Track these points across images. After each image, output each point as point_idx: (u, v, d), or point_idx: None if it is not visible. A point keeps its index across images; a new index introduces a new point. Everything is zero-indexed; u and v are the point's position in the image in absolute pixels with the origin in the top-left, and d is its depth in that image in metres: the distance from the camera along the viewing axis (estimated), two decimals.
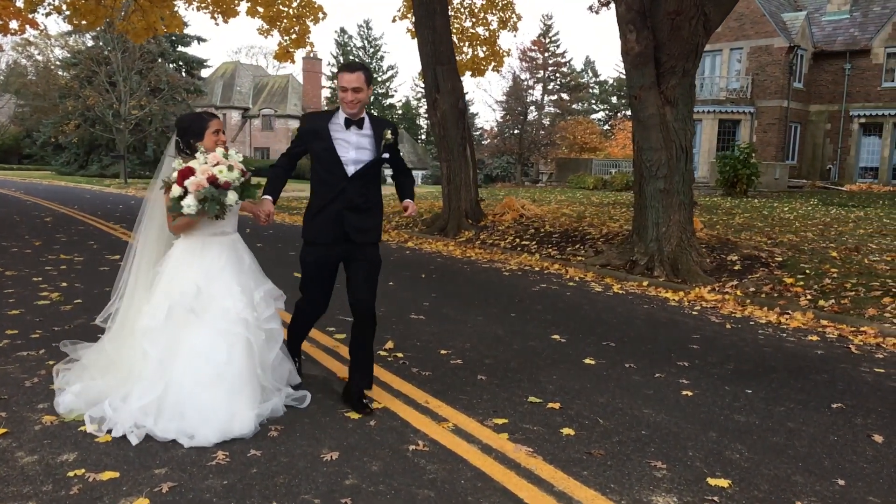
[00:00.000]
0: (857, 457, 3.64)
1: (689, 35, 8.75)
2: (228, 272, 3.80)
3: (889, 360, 5.62)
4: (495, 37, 18.12)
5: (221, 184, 3.60)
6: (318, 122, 4.08)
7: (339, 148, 3.97)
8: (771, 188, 26.69)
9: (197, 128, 3.85)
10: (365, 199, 4.04)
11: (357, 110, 3.98)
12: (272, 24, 17.09)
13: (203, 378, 3.59)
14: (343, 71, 3.94)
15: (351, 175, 3.99)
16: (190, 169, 3.60)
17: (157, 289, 3.77)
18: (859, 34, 30.06)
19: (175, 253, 3.84)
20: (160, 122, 43.73)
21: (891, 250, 10.56)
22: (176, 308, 3.65)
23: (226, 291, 3.75)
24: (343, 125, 4.00)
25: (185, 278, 3.71)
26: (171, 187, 3.62)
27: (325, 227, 4.00)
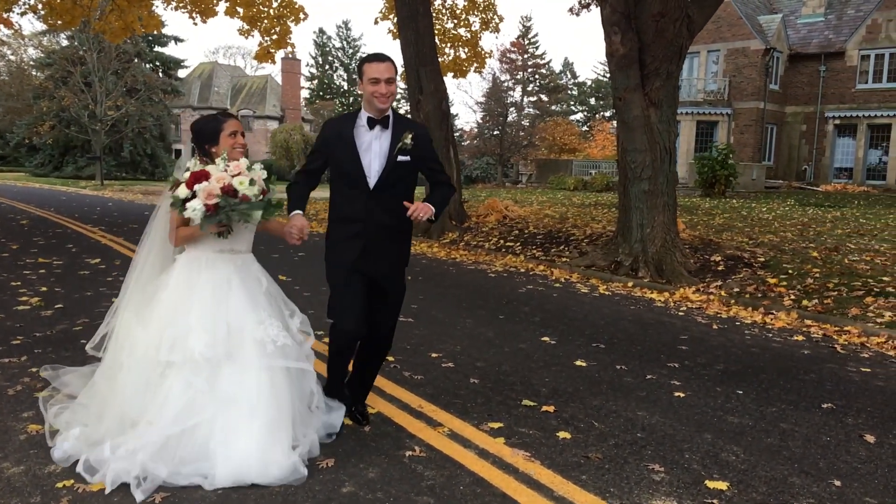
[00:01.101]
0: (851, 457, 3.66)
1: (674, 37, 8.80)
2: (243, 295, 3.31)
3: (874, 360, 5.69)
4: (477, 38, 18.13)
5: (239, 196, 3.17)
6: (342, 125, 3.56)
7: (363, 155, 3.48)
8: (748, 189, 26.99)
9: (210, 130, 3.38)
10: (392, 216, 3.51)
11: (387, 105, 3.47)
12: (252, 25, 16.94)
13: (238, 424, 3.12)
14: (372, 61, 3.45)
15: (373, 187, 3.47)
16: (205, 173, 3.17)
17: (155, 313, 3.27)
18: (834, 37, 30.51)
19: (175, 272, 3.35)
20: (137, 123, 43.21)
21: (869, 250, 10.70)
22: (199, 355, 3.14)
23: (253, 319, 3.26)
24: (367, 126, 3.50)
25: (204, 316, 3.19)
26: (179, 186, 3.21)
27: (349, 246, 3.52)
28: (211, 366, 3.15)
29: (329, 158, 3.58)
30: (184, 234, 3.35)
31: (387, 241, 3.55)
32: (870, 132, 29.63)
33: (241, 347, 3.20)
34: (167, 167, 46.37)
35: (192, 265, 3.33)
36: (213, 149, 3.36)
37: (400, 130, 3.52)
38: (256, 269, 3.46)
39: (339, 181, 3.56)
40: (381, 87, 3.40)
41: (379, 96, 3.41)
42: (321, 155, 3.63)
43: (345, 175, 3.51)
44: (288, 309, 3.47)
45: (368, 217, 3.48)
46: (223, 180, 3.15)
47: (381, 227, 3.50)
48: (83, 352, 5.05)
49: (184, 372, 3.14)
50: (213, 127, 3.38)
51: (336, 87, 69.03)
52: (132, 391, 3.21)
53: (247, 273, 3.40)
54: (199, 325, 3.18)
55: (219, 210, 3.13)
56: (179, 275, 3.34)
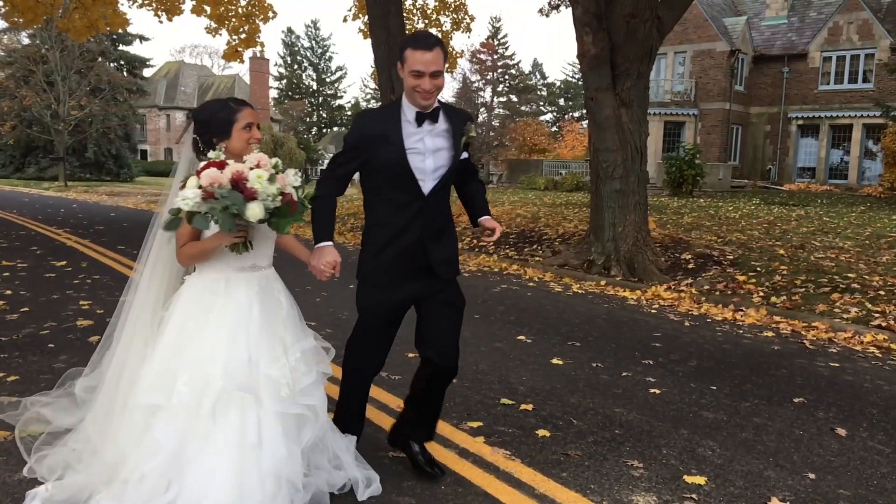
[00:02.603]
0: (824, 450, 3.73)
1: (644, 38, 8.90)
2: (263, 324, 2.74)
3: (842, 355, 5.81)
4: (448, 38, 18.12)
5: (246, 190, 2.51)
6: (384, 121, 2.95)
7: (413, 157, 2.91)
8: (715, 188, 27.40)
9: (221, 121, 2.74)
10: (444, 219, 3.08)
11: (432, 101, 2.90)
12: (220, 23, 16.72)
13: (250, 482, 2.58)
14: (416, 47, 2.79)
15: (428, 192, 2.95)
16: (224, 163, 2.58)
17: (161, 346, 2.71)
18: (797, 39, 31.12)
19: (185, 297, 2.77)
20: (101, 123, 42.43)
21: (834, 247, 10.94)
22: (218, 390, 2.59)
23: (268, 354, 2.72)
24: (414, 122, 2.92)
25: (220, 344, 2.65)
26: (188, 179, 2.57)
27: (398, 264, 2.97)
28: (222, 404, 2.61)
29: (368, 161, 2.96)
30: (191, 252, 2.69)
31: (439, 249, 3.03)
32: (832, 132, 30.28)
33: (255, 387, 2.68)
34: (132, 168, 45.68)
35: (206, 288, 2.74)
36: (224, 143, 2.74)
37: (455, 122, 3.00)
38: (278, 287, 2.89)
39: (383, 186, 2.97)
40: (424, 82, 2.80)
41: (422, 92, 2.83)
42: (357, 156, 2.97)
43: (391, 179, 2.94)
44: (302, 336, 2.89)
45: (423, 225, 2.97)
46: (236, 169, 2.55)
47: (433, 233, 3.01)
48: (51, 356, 4.96)
49: (182, 414, 2.60)
50: (224, 117, 2.74)
51: (305, 86, 68.56)
52: (128, 438, 2.68)
53: (268, 294, 2.82)
54: (210, 356, 2.64)
55: (216, 201, 2.49)
56: (190, 300, 2.74)
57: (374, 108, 3.12)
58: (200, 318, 2.70)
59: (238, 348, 2.67)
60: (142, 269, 2.96)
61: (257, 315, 2.73)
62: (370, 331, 3.08)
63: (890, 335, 6.27)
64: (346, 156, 3.01)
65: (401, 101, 2.95)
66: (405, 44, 2.84)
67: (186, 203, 2.49)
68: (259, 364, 2.68)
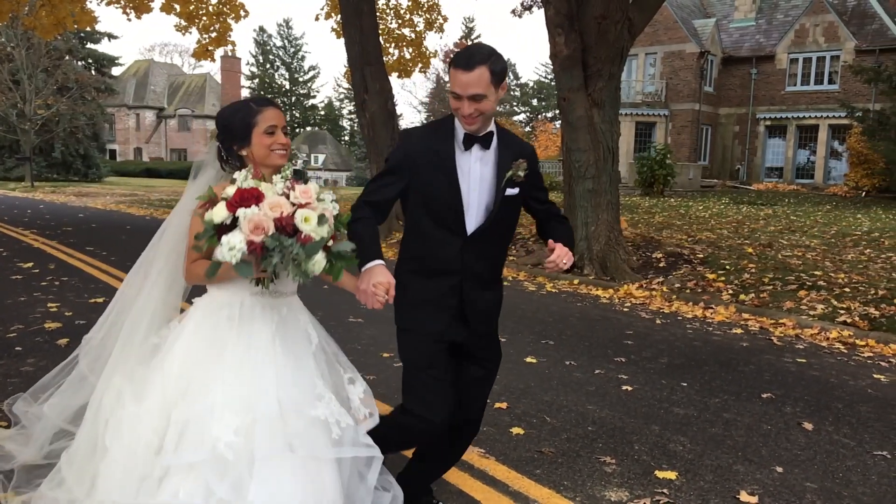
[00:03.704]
0: (791, 444, 3.82)
1: (615, 39, 9.00)
2: (291, 360, 2.30)
3: (809, 351, 5.93)
4: (421, 38, 18.14)
5: (303, 237, 2.08)
6: (436, 138, 2.53)
7: (461, 184, 2.51)
8: (686, 188, 27.77)
9: (239, 124, 2.32)
10: (491, 265, 2.65)
11: (479, 125, 2.47)
12: (190, 22, 16.53)
13: None
14: (456, 65, 2.40)
15: (471, 233, 2.53)
16: (259, 193, 2.10)
17: (156, 383, 2.25)
18: (764, 41, 31.65)
19: (191, 325, 2.32)
20: (68, 123, 41.67)
21: (800, 246, 11.17)
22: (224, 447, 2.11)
23: (310, 393, 2.28)
24: (462, 145, 2.51)
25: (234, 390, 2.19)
26: (215, 205, 2.12)
27: (435, 309, 2.57)
28: (243, 464, 2.13)
29: (414, 185, 2.53)
30: (202, 273, 2.22)
31: (481, 299, 2.62)
32: (798, 133, 30.84)
33: (296, 434, 2.21)
34: (101, 168, 44.95)
35: (217, 315, 2.28)
36: (244, 151, 2.32)
37: (506, 153, 2.56)
38: (305, 319, 2.44)
39: (424, 217, 2.54)
40: (463, 105, 2.40)
41: (464, 118, 2.43)
42: (402, 178, 2.53)
43: (434, 211, 2.52)
44: (347, 372, 2.47)
45: (462, 268, 2.55)
46: (280, 208, 2.08)
47: (475, 280, 2.58)
48: (18, 359, 4.87)
49: (202, 472, 2.11)
50: (242, 119, 2.31)
51: (278, 86, 68.07)
52: (119, 493, 2.19)
53: (294, 325, 2.37)
54: (225, 404, 2.17)
55: (266, 253, 2.06)
56: (198, 328, 2.30)
57: (423, 125, 2.67)
58: (211, 355, 2.24)
59: (259, 386, 2.22)
60: (138, 284, 2.52)
61: (281, 349, 2.29)
62: (422, 360, 2.58)
63: (855, 331, 6.42)
64: (385, 178, 2.55)
65: (453, 118, 2.54)
66: (451, 63, 2.45)
67: (233, 255, 2.02)
68: (301, 408, 2.23)
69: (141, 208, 21.60)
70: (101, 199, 26.65)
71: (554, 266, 2.47)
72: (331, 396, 2.30)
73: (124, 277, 2.68)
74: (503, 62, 2.44)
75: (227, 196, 2.10)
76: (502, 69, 2.43)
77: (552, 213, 2.79)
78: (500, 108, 60.11)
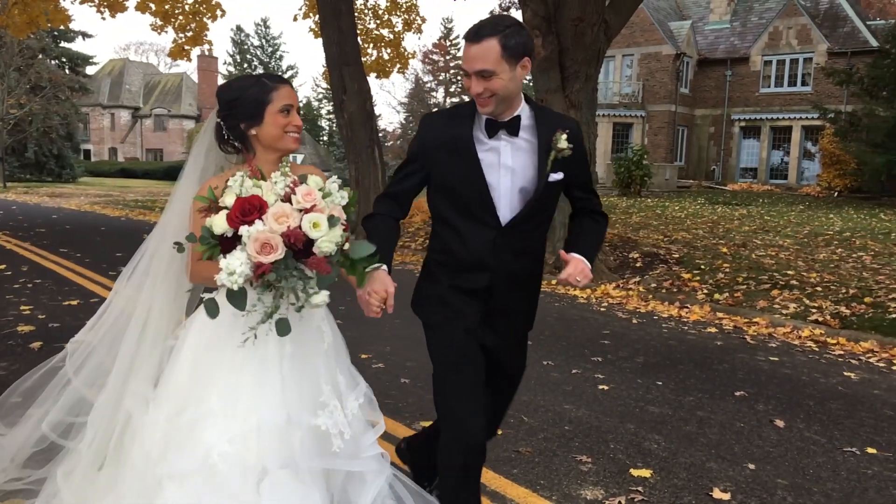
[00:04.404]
0: (763, 441, 3.89)
1: (592, 41, 9.07)
2: (300, 363, 2.11)
3: (781, 349, 6.03)
4: (400, 39, 18.13)
5: (313, 261, 1.87)
6: (453, 123, 2.32)
7: (489, 172, 2.28)
8: (662, 188, 28.04)
9: (251, 101, 2.10)
10: (529, 261, 2.40)
11: (493, 107, 2.22)
12: (166, 21, 16.37)
13: None
14: (466, 38, 2.20)
15: (506, 224, 2.30)
16: (261, 203, 1.89)
17: (165, 390, 2.12)
18: (739, 43, 32.07)
19: (194, 327, 2.15)
20: (42, 123, 41.05)
21: (774, 245, 11.34)
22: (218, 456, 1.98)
23: (311, 401, 2.10)
24: (485, 132, 2.29)
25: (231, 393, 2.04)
26: (217, 213, 1.93)
27: (462, 306, 2.35)
28: (239, 474, 1.99)
29: (434, 174, 2.34)
30: (208, 274, 2.01)
31: (515, 299, 2.40)
32: (772, 134, 31.29)
33: (296, 445, 2.05)
34: (75, 168, 44.33)
35: (222, 314, 2.02)
36: (254, 131, 2.12)
37: (546, 133, 2.27)
38: (320, 313, 2.21)
39: (449, 208, 2.34)
40: (471, 83, 2.20)
41: (475, 98, 2.24)
42: (420, 168, 2.36)
43: (459, 201, 2.31)
44: (354, 377, 2.30)
45: (496, 264, 2.32)
46: (286, 219, 1.87)
47: (510, 277, 2.35)
48: None
49: (194, 484, 1.99)
50: (255, 96, 2.10)
51: None
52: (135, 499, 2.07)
53: (307, 323, 2.13)
54: (221, 409, 2.02)
55: (275, 273, 1.86)
56: (202, 329, 2.12)
57: (443, 109, 2.47)
58: (213, 356, 2.09)
59: (263, 392, 2.05)
60: (138, 282, 2.33)
61: (290, 351, 2.08)
62: (452, 363, 2.34)
63: (826, 330, 6.53)
64: (405, 169, 2.39)
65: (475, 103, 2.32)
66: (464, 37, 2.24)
67: (234, 281, 1.81)
68: (301, 418, 2.06)
69: (116, 209, 21.35)
70: (75, 199, 26.29)
71: (565, 282, 2.27)
72: (336, 405, 2.11)
73: (97, 277, 2.64)
74: (521, 36, 2.16)
75: (226, 206, 1.90)
76: (519, 43, 2.15)
77: (591, 207, 2.49)
78: None
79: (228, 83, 2.19)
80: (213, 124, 2.21)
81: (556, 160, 2.26)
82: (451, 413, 2.33)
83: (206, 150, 2.26)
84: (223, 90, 2.18)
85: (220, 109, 2.18)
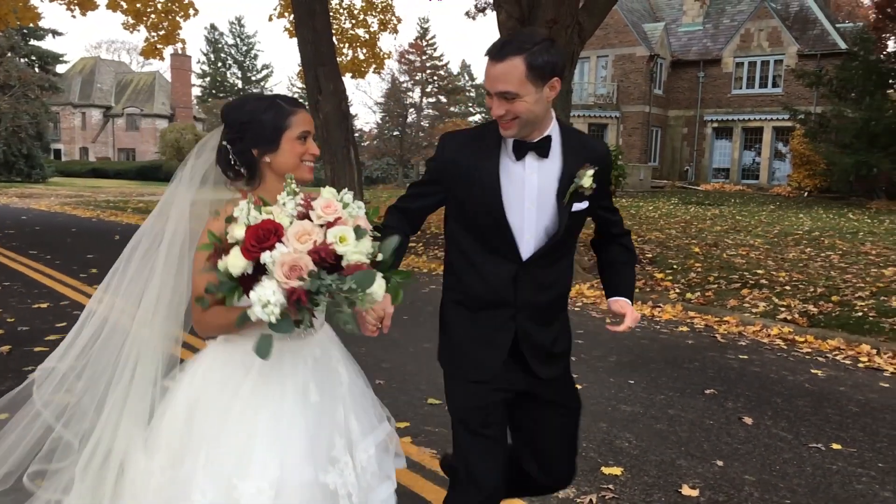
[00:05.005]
0: (732, 438, 3.96)
1: (566, 43, 9.14)
2: (317, 410, 1.90)
3: (751, 347, 6.14)
4: (375, 39, 18.11)
5: (348, 269, 1.66)
6: (479, 146, 2.12)
7: (509, 203, 2.08)
8: (636, 188, 28.33)
9: (267, 126, 1.90)
10: (555, 295, 2.23)
11: (516, 130, 2.03)
12: (138, 19, 16.20)
13: None
14: (489, 57, 1.99)
15: (527, 258, 2.12)
16: (276, 225, 1.66)
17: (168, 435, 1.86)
18: (711, 45, 32.48)
19: (202, 370, 1.92)
20: (11, 122, 40.33)
21: (745, 245, 11.52)
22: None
23: (325, 454, 1.89)
24: (512, 155, 2.09)
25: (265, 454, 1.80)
26: (228, 251, 1.67)
27: (486, 351, 2.18)
28: None
29: (451, 200, 2.18)
30: (221, 323, 1.83)
31: (542, 336, 2.21)
32: (744, 135, 31.74)
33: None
34: (45, 168, 43.63)
35: (236, 359, 1.87)
36: (268, 158, 1.90)
37: (573, 160, 2.11)
38: (337, 354, 2.04)
39: (466, 238, 2.16)
40: (493, 104, 2.01)
41: (497, 118, 2.04)
42: (437, 189, 2.19)
43: (477, 232, 2.13)
44: (372, 421, 2.09)
45: (517, 300, 2.15)
46: (309, 236, 1.65)
47: (534, 313, 2.18)
48: None
49: None
50: (271, 120, 1.89)
51: (230, 84, 67.01)
52: None
53: (325, 366, 1.97)
54: (249, 462, 1.79)
55: (310, 299, 1.62)
56: (211, 375, 1.90)
57: (466, 129, 2.26)
58: (221, 405, 1.84)
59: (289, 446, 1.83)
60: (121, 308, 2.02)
61: (315, 400, 1.89)
62: (466, 439, 2.22)
63: (795, 328, 6.66)
64: (421, 187, 2.23)
65: None
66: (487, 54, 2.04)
67: (271, 312, 1.58)
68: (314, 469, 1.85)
69: (87, 210, 21.06)
70: (45, 200, 25.87)
71: (623, 330, 2.18)
72: (347, 461, 1.91)
73: (68, 280, 2.48)
74: (550, 54, 1.96)
75: (236, 240, 1.66)
76: (547, 63, 1.95)
77: (617, 231, 2.38)
78: (454, 108, 60.24)
79: (239, 103, 1.96)
80: (213, 147, 1.96)
81: (575, 193, 2.10)
82: (472, 464, 2.19)
83: (201, 175, 1.98)
84: (233, 111, 1.94)
85: (228, 132, 1.93)
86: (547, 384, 2.24)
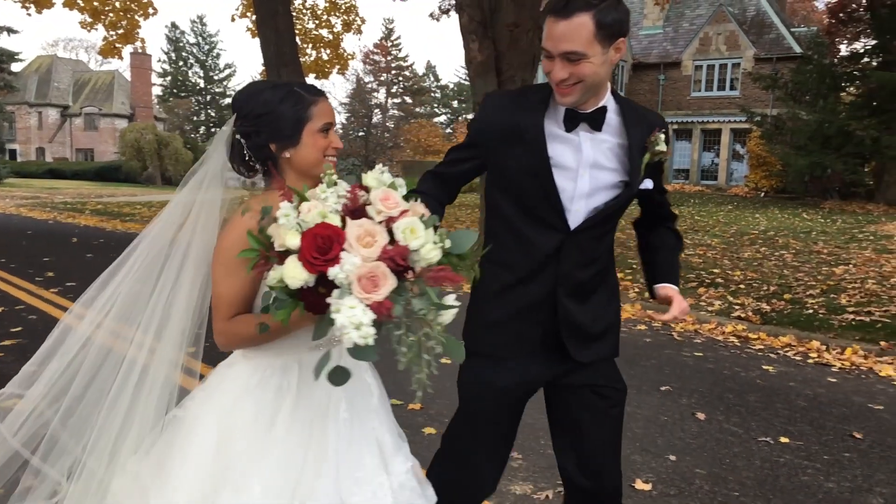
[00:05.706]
0: (684, 434, 4.08)
1: (527, 46, 9.26)
2: (347, 429, 1.77)
3: (706, 345, 6.31)
4: (339, 39, 18.08)
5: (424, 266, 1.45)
6: (522, 108, 1.96)
7: (558, 170, 1.93)
8: None
9: (286, 118, 1.70)
10: (596, 271, 2.06)
11: (577, 97, 1.87)
12: (96, 18, 15.94)
13: None
14: (550, 12, 1.82)
15: (575, 227, 1.97)
16: (333, 228, 1.42)
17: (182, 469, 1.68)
18: (671, 48, 33.07)
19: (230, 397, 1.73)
20: None
21: (703, 245, 11.77)
22: None
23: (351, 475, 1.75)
24: (562, 123, 1.93)
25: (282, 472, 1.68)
26: (282, 261, 1.44)
27: (520, 327, 2.03)
28: None
29: (492, 166, 2.03)
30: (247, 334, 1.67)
31: (585, 297, 2.05)
32: (703, 136, 32.38)
33: None
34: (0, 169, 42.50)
35: (265, 386, 1.73)
36: (287, 153, 1.73)
37: (635, 131, 1.97)
38: (363, 364, 1.84)
39: (508, 208, 2.01)
40: (554, 67, 1.83)
41: (556, 85, 1.86)
42: (475, 156, 2.04)
43: (521, 199, 1.98)
44: (399, 440, 1.91)
45: (553, 267, 1.99)
46: (372, 239, 1.43)
47: (577, 289, 2.03)
48: None
49: None
50: (291, 112, 1.70)
51: (191, 84, 66.07)
52: None
53: (357, 376, 1.74)
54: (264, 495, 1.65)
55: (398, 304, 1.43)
56: (237, 402, 1.72)
57: (512, 91, 2.13)
58: (257, 435, 1.69)
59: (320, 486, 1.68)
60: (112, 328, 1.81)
61: (345, 417, 1.76)
62: (474, 427, 2.10)
63: (748, 325, 6.85)
64: (460, 151, 2.07)
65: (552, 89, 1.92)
66: (546, 10, 1.86)
67: (366, 335, 1.38)
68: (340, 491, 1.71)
69: (44, 211, 20.59)
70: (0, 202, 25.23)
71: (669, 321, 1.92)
72: (382, 480, 1.76)
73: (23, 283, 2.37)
74: (619, 12, 1.79)
75: (286, 248, 1.42)
76: (616, 21, 1.78)
77: (666, 213, 2.23)
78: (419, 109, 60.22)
79: (252, 91, 1.75)
80: (227, 140, 1.78)
81: (649, 164, 1.98)
82: (469, 454, 2.06)
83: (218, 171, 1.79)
84: (247, 101, 1.74)
85: (241, 124, 1.74)
86: (591, 370, 2.09)
